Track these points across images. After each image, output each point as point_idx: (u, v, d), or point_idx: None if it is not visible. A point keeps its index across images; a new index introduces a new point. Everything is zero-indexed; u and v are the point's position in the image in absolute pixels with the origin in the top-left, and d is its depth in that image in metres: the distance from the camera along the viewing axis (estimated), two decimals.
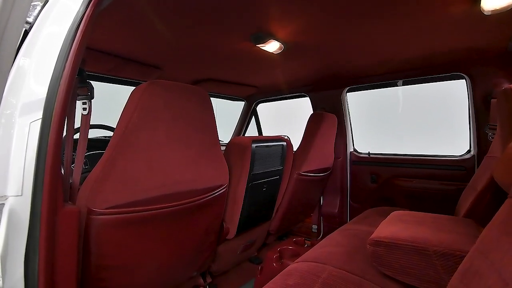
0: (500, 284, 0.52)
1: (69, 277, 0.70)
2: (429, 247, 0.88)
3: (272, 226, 1.94)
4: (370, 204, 2.20)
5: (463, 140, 1.92)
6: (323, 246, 1.23)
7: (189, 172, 1.04)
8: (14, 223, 0.65)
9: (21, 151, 0.68)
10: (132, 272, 0.95)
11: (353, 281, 0.90)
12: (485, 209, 1.22)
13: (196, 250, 1.23)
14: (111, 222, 0.82)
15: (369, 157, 2.29)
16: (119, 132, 0.83)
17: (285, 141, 1.69)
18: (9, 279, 0.64)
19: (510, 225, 0.60)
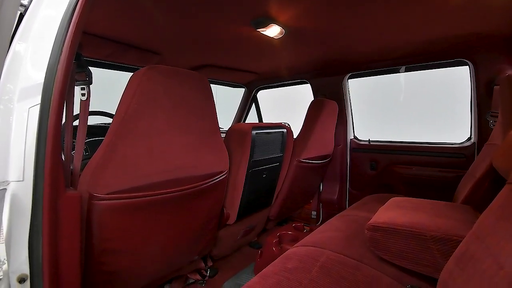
0: (495, 268, 0.53)
1: (72, 260, 0.72)
2: (426, 232, 0.89)
3: (272, 212, 1.97)
4: (369, 191, 2.21)
5: (464, 128, 1.92)
6: (322, 231, 1.25)
7: (189, 159, 1.04)
8: (17, 207, 0.66)
9: (21, 137, 0.68)
10: (134, 255, 0.97)
11: (350, 265, 0.92)
12: (483, 196, 1.23)
13: (197, 235, 1.26)
14: (112, 207, 0.83)
15: (369, 144, 2.29)
16: (119, 118, 0.83)
17: (285, 128, 1.69)
18: (14, 261, 0.65)
19: (507, 210, 0.61)
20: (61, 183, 0.69)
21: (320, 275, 0.85)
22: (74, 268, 0.72)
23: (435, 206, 1.13)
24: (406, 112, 2.88)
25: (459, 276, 0.64)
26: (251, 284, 0.80)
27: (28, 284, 0.65)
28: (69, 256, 0.70)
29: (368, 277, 0.86)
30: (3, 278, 0.66)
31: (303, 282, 0.81)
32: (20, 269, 0.65)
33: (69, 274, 0.71)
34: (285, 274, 0.85)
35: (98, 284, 0.92)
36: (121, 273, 0.97)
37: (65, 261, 0.69)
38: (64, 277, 0.70)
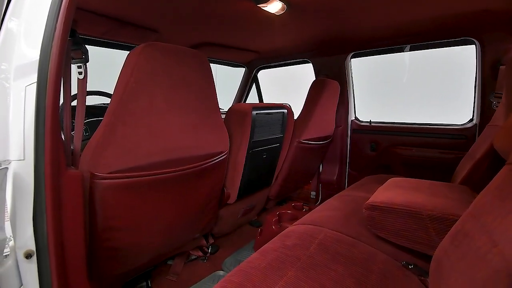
0: (489, 245, 0.54)
1: (77, 236, 0.73)
2: (423, 211, 0.91)
3: (272, 192, 2.00)
4: (368, 172, 2.23)
5: (467, 110, 1.90)
6: (321, 210, 1.27)
7: (189, 139, 1.04)
8: (19, 186, 0.67)
9: (19, 116, 0.67)
10: (137, 233, 1.00)
11: (347, 242, 0.95)
12: (481, 177, 1.24)
13: (199, 214, 1.28)
14: (114, 186, 0.84)
15: (370, 125, 2.27)
16: (117, 98, 0.82)
17: (286, 109, 1.67)
18: (20, 238, 0.67)
19: (505, 190, 0.61)
20: (62, 162, 0.69)
21: (317, 252, 0.87)
22: (79, 244, 0.74)
23: (432, 186, 1.14)
24: (408, 93, 2.84)
25: (453, 253, 0.65)
26: (251, 260, 0.83)
27: (34, 259, 0.67)
28: (73, 233, 0.72)
29: (364, 254, 0.88)
30: (10, 254, 0.68)
31: (301, 258, 0.83)
32: (26, 245, 0.67)
33: (74, 250, 0.73)
34: (284, 250, 0.87)
35: (102, 259, 0.95)
36: (125, 249, 0.99)
37: (69, 238, 0.71)
38: (69, 252, 0.72)
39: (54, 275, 0.67)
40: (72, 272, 0.73)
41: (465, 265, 0.58)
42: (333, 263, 0.82)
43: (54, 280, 0.67)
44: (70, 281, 0.73)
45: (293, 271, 0.77)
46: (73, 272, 0.73)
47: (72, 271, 0.72)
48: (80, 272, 0.76)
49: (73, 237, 0.72)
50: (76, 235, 0.73)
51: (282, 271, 0.77)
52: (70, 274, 0.72)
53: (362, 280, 0.76)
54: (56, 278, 0.67)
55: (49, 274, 0.67)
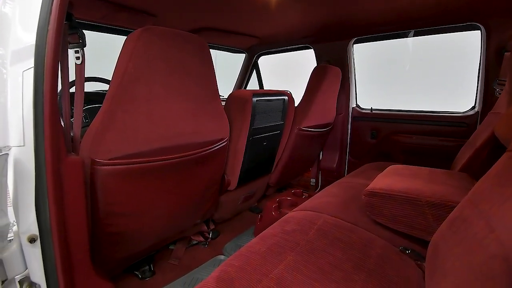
0: (486, 231, 0.55)
1: (79, 221, 0.75)
2: (421, 198, 0.91)
3: (272, 179, 2.01)
4: (368, 160, 2.24)
5: (469, 97, 1.88)
6: (320, 197, 1.28)
7: (189, 125, 1.04)
8: (20, 172, 0.67)
9: (18, 101, 0.67)
10: (139, 218, 1.01)
11: (346, 227, 0.96)
12: (481, 164, 1.24)
13: (199, 200, 1.30)
14: (114, 173, 0.85)
15: (371, 113, 2.26)
16: (116, 84, 0.81)
17: (287, 96, 1.66)
18: (23, 223, 0.68)
19: (504, 177, 0.61)
20: (62, 149, 0.69)
21: (316, 237, 0.89)
22: (82, 229, 0.75)
23: (432, 173, 1.14)
24: (411, 81, 2.81)
25: (450, 239, 0.66)
26: (251, 245, 0.84)
27: (38, 243, 0.68)
28: (75, 218, 0.73)
29: (363, 239, 0.90)
30: (14, 239, 0.70)
31: (300, 243, 0.85)
32: (29, 230, 0.68)
33: (77, 234, 0.75)
34: (284, 235, 0.89)
35: (105, 244, 0.97)
36: (127, 234, 1.01)
37: (72, 223, 0.72)
38: (72, 237, 0.73)
39: (58, 259, 0.69)
40: (76, 256, 0.74)
41: (462, 250, 0.59)
42: (332, 248, 0.83)
43: (58, 263, 0.69)
44: (74, 265, 0.74)
45: (292, 255, 0.79)
46: (76, 256, 0.74)
47: (75, 255, 0.74)
48: (83, 256, 0.78)
49: (75, 222, 0.73)
50: (78, 220, 0.74)
51: (282, 255, 0.79)
52: (73, 258, 0.74)
53: (360, 264, 0.77)
54: (60, 262, 0.69)
55: (53, 258, 0.68)
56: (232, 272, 0.71)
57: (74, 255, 0.74)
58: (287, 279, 0.69)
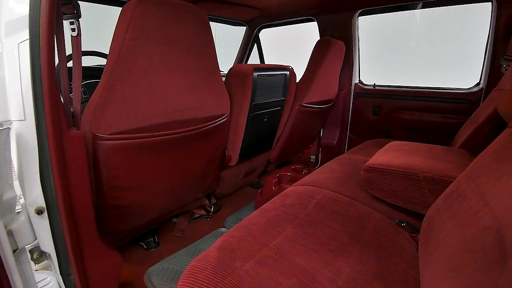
0: (481, 204, 0.56)
1: (84, 195, 0.76)
2: (419, 173, 0.93)
3: (272, 156, 2.03)
4: (369, 137, 2.24)
5: (474, 74, 1.83)
6: (319, 172, 1.30)
7: (189, 101, 1.03)
8: (24, 146, 0.68)
9: (15, 75, 0.66)
10: (141, 192, 1.04)
11: (344, 201, 0.99)
12: (481, 141, 1.24)
13: (201, 175, 1.32)
14: (116, 147, 0.85)
15: (374, 89, 2.23)
16: (114, 57, 0.79)
17: (288, 71, 1.62)
18: (29, 196, 0.70)
19: (502, 153, 0.62)
20: (63, 123, 0.69)
21: (315, 210, 0.91)
22: (87, 201, 0.77)
23: (431, 150, 1.15)
24: (415, 57, 2.74)
25: (445, 212, 0.68)
26: (252, 217, 0.87)
27: (45, 215, 0.71)
28: (80, 191, 0.75)
29: (360, 212, 0.93)
30: (22, 211, 0.72)
31: (299, 216, 0.87)
32: (36, 203, 0.70)
33: (83, 206, 0.77)
34: (283, 209, 0.91)
35: (110, 216, 1.00)
36: (131, 207, 1.04)
37: (77, 196, 0.74)
38: (78, 209, 0.75)
39: (65, 230, 0.71)
40: (83, 227, 0.77)
41: (456, 222, 0.61)
42: (329, 221, 0.86)
43: (66, 234, 0.72)
44: (81, 235, 0.77)
45: (291, 227, 0.82)
46: (83, 227, 0.77)
47: (82, 226, 0.77)
48: (90, 227, 0.80)
49: (80, 195, 0.75)
50: (83, 193, 0.76)
51: (281, 227, 0.81)
52: (80, 228, 0.77)
53: (356, 236, 0.80)
54: (68, 232, 0.72)
55: (61, 228, 0.71)
56: (234, 242, 0.73)
57: (81, 226, 0.76)
58: (286, 249, 0.72)
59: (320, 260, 0.70)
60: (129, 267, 1.26)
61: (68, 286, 0.78)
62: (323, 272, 0.66)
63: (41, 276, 0.82)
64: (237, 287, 0.59)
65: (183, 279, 0.63)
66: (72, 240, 0.73)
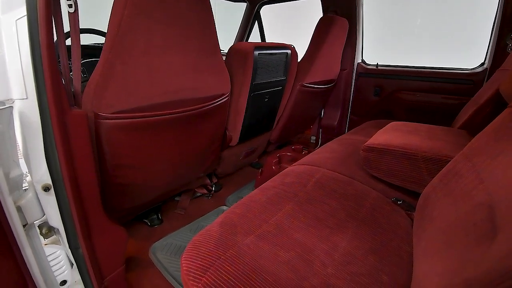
0: (476, 182, 0.58)
1: (88, 172, 0.78)
2: (418, 153, 0.94)
3: (273, 136, 2.04)
4: (370, 118, 2.24)
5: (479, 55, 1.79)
6: (319, 152, 1.32)
7: (189, 80, 1.02)
8: (27, 124, 0.69)
9: (15, 52, 0.65)
10: (144, 171, 1.06)
11: (343, 180, 1.01)
12: (482, 121, 1.24)
13: (202, 155, 1.33)
14: (118, 126, 0.86)
15: (377, 69, 2.19)
16: (112, 34, 0.78)
17: (290, 49, 1.59)
18: (36, 173, 0.72)
19: (500, 132, 0.63)
20: (65, 102, 0.70)
21: (314, 189, 0.93)
22: (91, 179, 0.79)
23: (431, 130, 1.16)
24: (421, 36, 2.67)
25: (441, 190, 0.70)
26: (252, 195, 0.89)
27: (52, 192, 0.73)
28: (84, 169, 0.76)
29: (358, 191, 0.95)
30: (29, 188, 0.74)
31: (298, 194, 0.90)
32: (42, 180, 0.72)
33: (88, 184, 0.79)
34: (283, 187, 0.93)
35: (114, 194, 1.03)
36: (134, 185, 1.07)
37: (82, 173, 0.76)
38: (83, 186, 0.77)
39: (72, 206, 0.74)
40: (89, 203, 0.80)
41: (450, 199, 0.63)
42: (328, 199, 0.89)
43: (73, 209, 0.74)
44: (88, 211, 0.80)
45: (291, 205, 0.84)
46: (89, 203, 0.80)
47: (88, 202, 0.79)
48: (95, 204, 0.83)
49: (85, 173, 0.76)
50: (87, 171, 0.77)
51: (281, 204, 0.84)
52: (86, 205, 0.79)
53: (353, 213, 0.83)
54: (74, 208, 0.74)
55: (68, 204, 0.73)
56: (235, 218, 0.76)
57: (86, 202, 0.79)
58: (285, 224, 0.75)
59: (317, 235, 0.72)
60: (134, 242, 1.31)
61: (77, 259, 0.81)
62: (320, 246, 0.69)
63: (51, 250, 0.85)
64: (238, 259, 0.62)
65: (187, 252, 0.66)
66: (79, 216, 0.75)
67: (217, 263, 0.61)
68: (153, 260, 1.20)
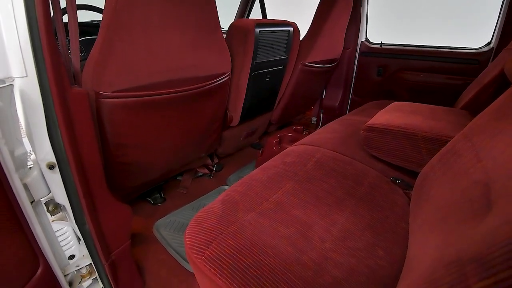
0: (474, 161, 0.59)
1: (92, 150, 0.79)
2: (418, 133, 0.94)
3: (274, 117, 2.03)
4: (372, 99, 2.21)
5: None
6: (320, 132, 1.32)
7: (190, 59, 1.01)
8: (29, 103, 0.69)
9: (12, 29, 0.64)
10: (146, 150, 1.07)
11: (343, 160, 1.02)
12: (485, 102, 1.23)
13: (203, 134, 1.34)
14: (119, 105, 0.86)
15: (381, 48, 2.14)
16: (110, 10, 0.76)
17: (292, 27, 1.55)
18: (40, 152, 0.73)
19: (502, 111, 0.62)
20: (65, 80, 0.69)
21: (314, 168, 0.95)
22: (95, 157, 0.80)
23: (432, 110, 1.15)
24: (427, 14, 2.58)
25: (439, 169, 0.71)
26: (253, 174, 0.91)
27: (57, 170, 0.74)
28: (88, 147, 0.77)
29: (357, 170, 0.96)
30: (34, 166, 0.75)
31: (298, 173, 0.91)
32: (46, 158, 0.73)
33: (91, 162, 0.80)
34: (284, 166, 0.95)
35: (117, 173, 1.05)
36: (137, 164, 1.08)
37: (85, 152, 0.77)
38: (87, 164, 0.79)
39: (77, 183, 0.75)
40: (93, 181, 0.81)
41: (448, 178, 0.64)
42: (327, 178, 0.90)
43: (78, 187, 0.76)
44: (93, 188, 0.82)
45: (291, 183, 0.86)
46: (93, 181, 0.81)
47: (92, 180, 0.81)
48: (100, 182, 0.85)
49: (88, 151, 0.77)
50: (90, 149, 0.78)
51: (281, 183, 0.86)
52: (91, 182, 0.81)
53: (352, 191, 0.85)
54: (79, 186, 0.76)
55: (73, 182, 0.75)
56: (236, 196, 0.78)
57: (91, 180, 0.80)
58: (285, 202, 0.77)
59: (316, 212, 0.75)
60: (138, 220, 1.35)
61: (84, 235, 0.84)
62: (319, 223, 0.71)
63: (58, 226, 0.88)
64: (240, 234, 0.64)
65: (190, 228, 0.68)
66: (84, 193, 0.77)
67: (219, 238, 0.63)
68: (157, 237, 1.24)
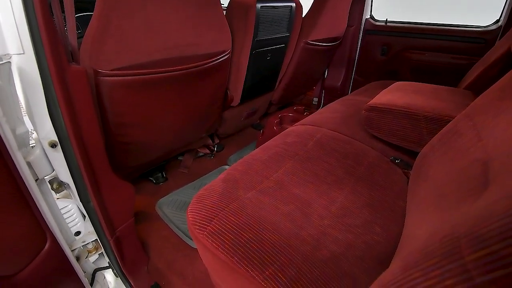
0: (474, 140, 0.59)
1: (93, 129, 0.79)
2: (420, 113, 0.94)
3: (275, 97, 2.01)
4: (375, 79, 2.18)
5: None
6: (321, 112, 1.31)
7: (189, 36, 0.98)
8: (27, 81, 0.68)
9: (7, 5, 0.62)
10: (146, 129, 1.07)
11: (343, 140, 1.02)
12: (489, 82, 1.21)
13: (203, 114, 1.34)
14: (118, 84, 0.85)
15: (386, 25, 2.08)
16: None
17: (294, 2, 1.50)
18: (41, 130, 0.73)
19: (505, 91, 0.62)
20: (63, 57, 0.68)
21: (314, 148, 0.95)
22: (96, 135, 0.80)
23: (435, 90, 1.14)
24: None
25: (439, 149, 0.71)
26: (254, 154, 0.92)
27: (59, 148, 0.75)
28: (89, 126, 0.77)
29: (357, 150, 0.97)
30: (36, 144, 0.76)
31: (299, 153, 0.92)
32: (48, 136, 0.74)
33: (93, 141, 0.80)
34: (284, 146, 0.95)
35: (118, 152, 1.06)
36: (137, 143, 1.09)
37: (86, 130, 0.77)
38: (89, 143, 0.79)
39: (80, 161, 0.76)
40: (95, 159, 0.82)
41: (447, 157, 0.64)
42: (327, 157, 0.91)
43: (81, 165, 0.77)
44: (95, 167, 0.83)
45: (291, 163, 0.87)
46: (96, 159, 0.82)
47: (94, 158, 0.82)
48: (102, 160, 0.85)
49: (89, 130, 0.77)
50: (92, 128, 0.78)
51: (281, 162, 0.86)
52: (93, 160, 0.81)
53: (351, 171, 0.86)
54: (82, 164, 0.77)
55: (75, 160, 0.76)
56: (237, 174, 0.79)
57: (93, 158, 0.81)
58: (285, 181, 0.78)
59: (316, 190, 0.76)
60: (141, 198, 1.37)
61: (89, 212, 0.86)
62: (318, 201, 0.72)
63: (63, 203, 0.90)
64: (240, 210, 0.66)
65: (192, 205, 0.70)
66: (87, 171, 0.78)
67: (221, 214, 0.65)
68: (159, 214, 1.27)
